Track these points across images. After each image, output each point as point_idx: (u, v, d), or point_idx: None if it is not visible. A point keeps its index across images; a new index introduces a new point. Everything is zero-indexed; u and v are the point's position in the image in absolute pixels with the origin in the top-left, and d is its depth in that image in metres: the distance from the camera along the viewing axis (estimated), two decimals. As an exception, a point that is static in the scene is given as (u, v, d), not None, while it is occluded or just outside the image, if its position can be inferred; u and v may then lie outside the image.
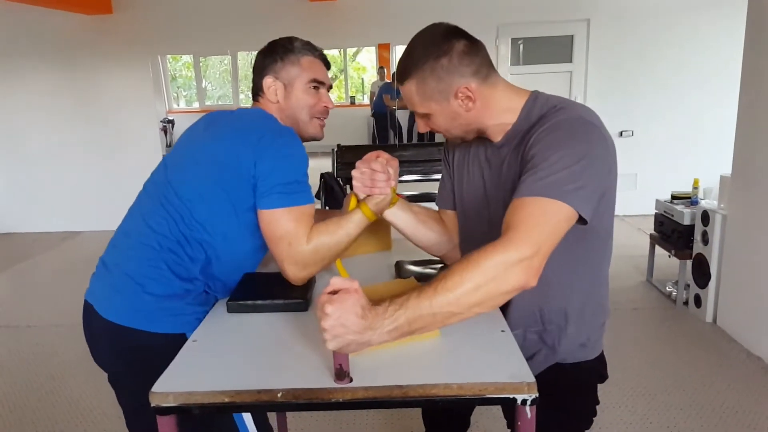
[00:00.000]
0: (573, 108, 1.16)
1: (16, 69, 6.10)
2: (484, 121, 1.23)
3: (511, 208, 1.06)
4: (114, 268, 1.33)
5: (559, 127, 1.11)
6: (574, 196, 1.03)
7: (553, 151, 1.07)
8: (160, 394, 0.95)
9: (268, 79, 1.42)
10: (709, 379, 2.80)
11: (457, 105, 1.19)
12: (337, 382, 0.96)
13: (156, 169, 1.41)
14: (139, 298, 1.27)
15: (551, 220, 1.02)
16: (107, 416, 2.67)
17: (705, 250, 3.41)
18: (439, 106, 1.20)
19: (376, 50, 11.43)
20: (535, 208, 1.03)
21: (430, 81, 1.17)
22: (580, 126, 1.11)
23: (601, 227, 1.22)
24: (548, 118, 1.14)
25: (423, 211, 1.49)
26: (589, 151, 1.08)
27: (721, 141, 5.13)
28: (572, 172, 1.05)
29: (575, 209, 1.04)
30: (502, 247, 0.98)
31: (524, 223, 1.01)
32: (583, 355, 1.31)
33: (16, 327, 3.81)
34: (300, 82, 1.43)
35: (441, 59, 1.15)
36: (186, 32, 6.12)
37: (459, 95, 1.17)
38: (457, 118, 1.22)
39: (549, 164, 1.06)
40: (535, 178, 1.05)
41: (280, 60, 1.42)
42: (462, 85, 1.16)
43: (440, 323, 0.97)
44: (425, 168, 4.90)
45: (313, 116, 1.47)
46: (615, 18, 5.70)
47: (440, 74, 1.16)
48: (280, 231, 1.26)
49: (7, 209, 6.47)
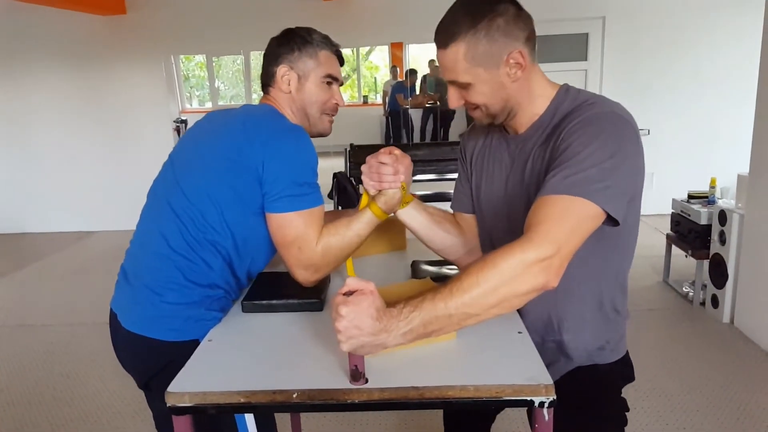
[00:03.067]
0: (605, 103, 1.11)
1: (31, 69, 6.16)
2: (520, 100, 1.17)
3: (534, 206, 1.02)
4: (133, 279, 1.31)
5: (590, 122, 1.06)
6: (601, 194, 0.99)
7: (583, 147, 1.03)
8: (176, 394, 0.95)
9: (283, 67, 1.40)
10: (726, 380, 2.76)
11: (506, 73, 1.12)
12: (353, 383, 0.95)
13: (163, 169, 1.39)
14: (157, 308, 1.26)
15: (574, 218, 0.98)
16: (121, 414, 2.68)
17: (722, 250, 3.37)
18: (487, 73, 1.12)
19: (389, 49, 11.40)
20: (558, 207, 0.99)
21: (483, 43, 1.08)
22: (612, 122, 1.06)
23: (626, 231, 1.17)
24: (579, 112, 1.09)
25: (438, 213, 1.44)
26: (622, 148, 1.04)
27: (738, 140, 5.07)
28: (602, 170, 1.00)
29: (602, 207, 0.99)
30: (521, 247, 0.94)
31: (545, 222, 0.97)
32: (602, 358, 1.27)
33: (31, 326, 3.85)
34: (315, 76, 1.41)
35: (497, 19, 1.08)
36: (199, 32, 6.14)
37: (510, 60, 1.10)
38: (501, 90, 1.14)
39: (577, 161, 1.01)
40: (562, 176, 1.01)
41: (297, 50, 1.40)
42: (516, 49, 1.10)
43: (456, 325, 0.95)
44: (439, 167, 4.88)
45: (323, 112, 1.44)
46: (630, 15, 5.64)
47: (495, 35, 1.08)
48: (291, 235, 1.24)
49: (21, 209, 6.53)
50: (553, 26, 5.79)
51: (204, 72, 13.76)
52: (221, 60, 13.73)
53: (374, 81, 13.36)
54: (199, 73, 14.34)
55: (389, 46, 11.20)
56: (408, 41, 9.23)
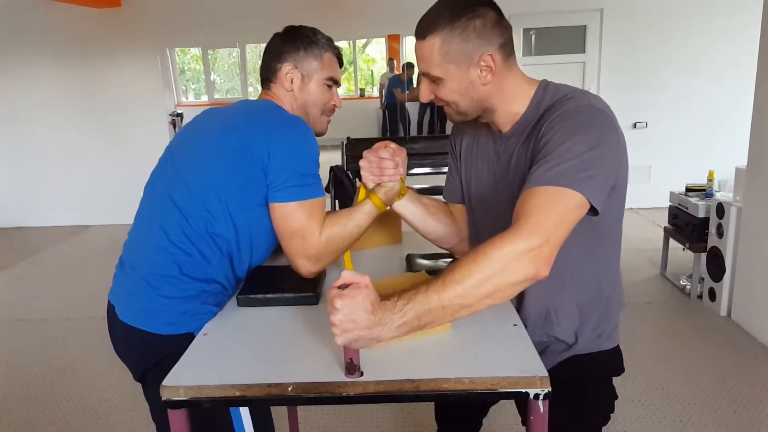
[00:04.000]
0: (583, 96, 1.14)
1: (25, 63, 6.12)
2: (494, 102, 1.20)
3: (520, 198, 1.04)
4: (130, 271, 1.31)
5: (569, 116, 1.09)
6: (584, 184, 1.01)
7: (563, 140, 1.05)
8: (171, 387, 0.95)
9: (288, 65, 1.40)
10: (722, 373, 2.77)
11: (476, 74, 1.15)
12: (348, 376, 0.95)
13: (161, 163, 1.38)
14: (154, 302, 1.25)
15: (560, 208, 1.00)
16: (117, 408, 2.68)
17: (720, 243, 3.37)
18: (457, 70, 1.15)
19: (386, 42, 11.37)
20: (544, 197, 1.01)
21: (457, 40, 1.12)
22: (590, 114, 1.09)
23: (612, 219, 1.20)
24: (558, 107, 1.12)
25: (432, 203, 1.48)
26: (601, 139, 1.06)
27: (736, 133, 5.07)
28: (583, 161, 1.03)
29: (586, 197, 1.02)
30: (510, 238, 0.96)
31: (533, 213, 0.99)
32: (597, 346, 1.29)
33: (28, 320, 3.84)
34: (318, 77, 1.42)
35: (475, 20, 1.11)
36: (194, 25, 6.12)
37: (481, 63, 1.13)
38: (470, 90, 1.17)
39: (559, 153, 1.04)
40: (545, 168, 1.04)
41: (303, 50, 1.40)
42: (488, 52, 1.13)
43: (450, 317, 0.96)
44: (435, 161, 4.87)
45: (323, 113, 1.47)
46: (629, 7, 5.63)
47: (470, 35, 1.11)
48: (294, 225, 1.25)
49: (17, 203, 6.52)
50: (551, 18, 5.78)
51: (200, 65, 13.71)
52: (217, 53, 13.67)
53: (371, 74, 13.32)
54: (195, 66, 14.28)
55: (386, 39, 11.16)
56: (405, 34, 9.19)
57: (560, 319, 1.26)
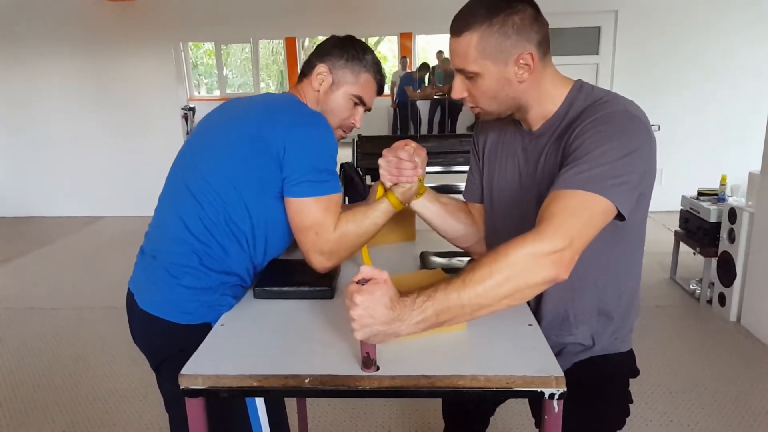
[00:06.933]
0: (618, 101, 1.12)
1: (40, 55, 6.17)
2: (528, 100, 1.18)
3: (547, 200, 1.03)
4: (151, 260, 1.32)
5: (604, 121, 1.07)
6: (614, 190, 1.00)
7: (597, 144, 1.04)
8: (190, 376, 0.96)
9: (324, 66, 1.40)
10: (731, 379, 2.76)
11: (513, 72, 1.13)
12: (364, 371, 0.96)
13: (180, 155, 1.39)
14: (173, 291, 1.27)
15: (587, 213, 0.99)
16: (128, 398, 2.71)
17: (731, 248, 3.35)
18: (495, 67, 1.12)
19: (398, 40, 11.35)
20: (572, 201, 1.00)
21: (496, 36, 1.10)
22: (626, 121, 1.07)
23: (636, 225, 1.19)
24: (593, 110, 1.11)
25: (451, 203, 1.47)
26: (635, 146, 1.05)
27: (749, 137, 5.03)
28: (614, 167, 1.01)
29: (614, 204, 1.01)
30: (533, 239, 0.95)
31: (558, 215, 0.98)
32: (614, 348, 1.29)
33: (40, 309, 3.88)
34: (346, 90, 1.41)
35: (513, 17, 1.09)
36: (208, 20, 6.14)
37: (520, 60, 1.11)
38: (506, 87, 1.15)
39: (592, 158, 1.02)
40: (575, 171, 1.03)
41: (345, 59, 1.40)
42: (527, 50, 1.11)
43: (469, 315, 0.96)
44: (446, 159, 4.86)
45: (339, 126, 1.45)
46: (644, 9, 5.59)
47: (508, 32, 1.09)
48: (309, 220, 1.25)
49: (30, 193, 6.57)
50: (565, 19, 5.74)
51: (212, 60, 13.76)
52: (230, 48, 13.72)
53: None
54: (208, 60, 14.33)
55: (398, 37, 11.15)
56: (417, 32, 9.19)
57: (578, 323, 1.25)
